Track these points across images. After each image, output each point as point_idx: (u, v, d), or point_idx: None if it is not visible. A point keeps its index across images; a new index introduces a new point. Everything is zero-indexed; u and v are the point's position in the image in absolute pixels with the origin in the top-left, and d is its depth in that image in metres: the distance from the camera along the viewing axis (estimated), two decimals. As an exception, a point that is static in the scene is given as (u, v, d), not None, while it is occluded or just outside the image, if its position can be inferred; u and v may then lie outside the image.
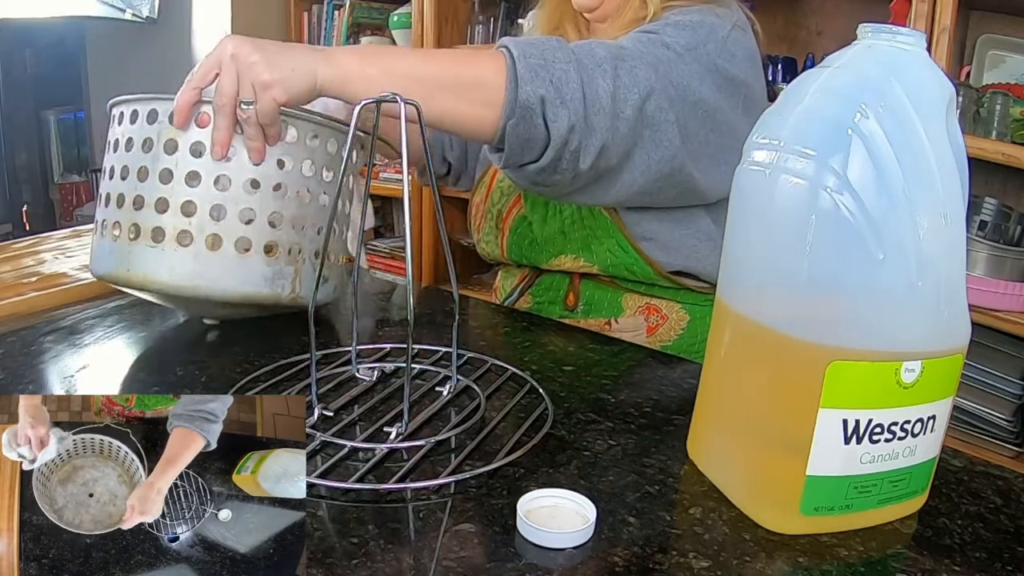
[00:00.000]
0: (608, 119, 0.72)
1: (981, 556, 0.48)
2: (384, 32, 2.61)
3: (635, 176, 0.78)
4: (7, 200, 3.12)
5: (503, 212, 0.99)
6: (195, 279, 0.69)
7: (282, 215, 0.71)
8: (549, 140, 0.71)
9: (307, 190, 0.72)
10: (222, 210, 0.68)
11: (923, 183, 0.45)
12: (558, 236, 0.93)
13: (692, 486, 0.54)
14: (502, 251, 1.00)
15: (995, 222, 1.58)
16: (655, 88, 0.75)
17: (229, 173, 0.68)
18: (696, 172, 0.82)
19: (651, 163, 0.78)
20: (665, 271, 0.90)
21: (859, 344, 0.46)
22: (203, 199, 0.68)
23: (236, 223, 0.69)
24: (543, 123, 0.70)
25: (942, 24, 1.49)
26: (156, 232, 0.68)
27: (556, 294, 0.97)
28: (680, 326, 0.93)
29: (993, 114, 1.55)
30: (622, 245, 0.90)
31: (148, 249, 0.68)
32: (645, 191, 0.81)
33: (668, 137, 0.77)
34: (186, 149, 0.68)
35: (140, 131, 0.69)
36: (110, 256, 0.70)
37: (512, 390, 0.69)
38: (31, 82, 3.18)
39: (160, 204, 0.68)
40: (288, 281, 0.72)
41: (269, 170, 0.69)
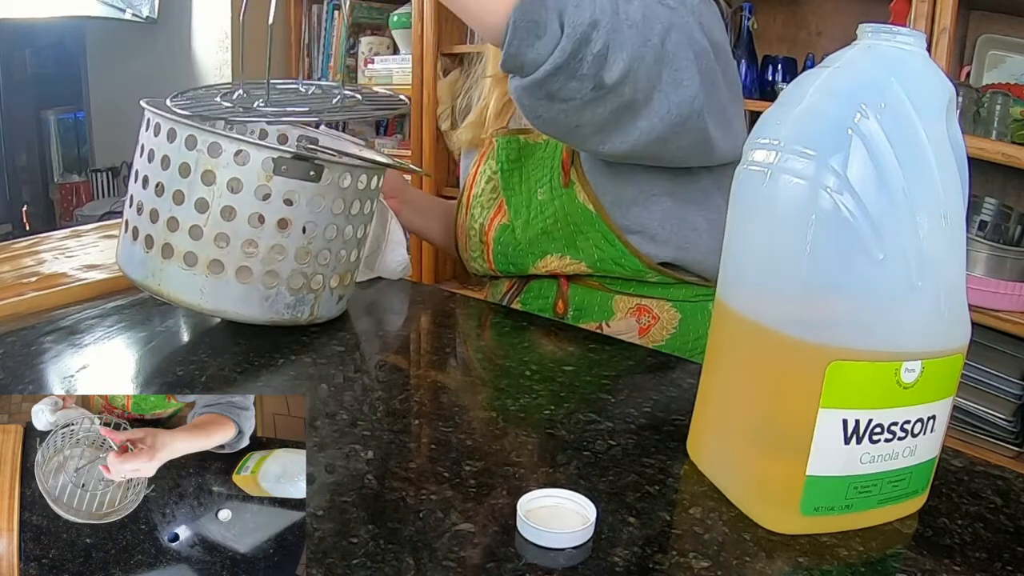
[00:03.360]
0: (639, 37, 0.68)
1: (981, 556, 0.48)
2: (384, 32, 2.61)
3: (654, 122, 0.74)
4: (7, 200, 3.12)
5: (485, 225, 0.98)
6: (223, 304, 0.73)
7: (309, 250, 0.74)
8: (561, 32, 0.66)
9: (335, 227, 0.75)
10: (254, 244, 0.71)
11: (923, 183, 0.45)
12: (542, 237, 0.92)
13: (692, 486, 0.54)
14: (489, 263, 0.99)
15: (995, 222, 1.58)
16: (674, 24, 0.72)
17: (264, 212, 0.71)
18: (710, 119, 0.78)
19: (671, 105, 0.74)
20: (654, 263, 0.90)
21: (859, 344, 0.46)
22: (237, 234, 0.71)
23: (266, 258, 0.72)
24: (556, 9, 0.66)
25: (942, 24, 1.49)
26: (189, 256, 0.71)
27: (545, 301, 0.97)
28: (672, 325, 0.93)
29: (993, 114, 1.56)
30: (608, 238, 0.89)
31: (180, 271, 0.72)
32: (662, 137, 0.76)
33: (688, 76, 0.73)
34: (224, 183, 0.70)
35: (178, 153, 0.70)
36: (142, 266, 0.74)
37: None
38: (31, 82, 3.18)
39: (195, 232, 0.71)
40: (308, 307, 0.77)
41: (301, 211, 0.72)
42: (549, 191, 0.93)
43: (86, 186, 3.23)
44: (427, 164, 2.37)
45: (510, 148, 0.97)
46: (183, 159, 0.70)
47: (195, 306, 0.72)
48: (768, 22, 2.01)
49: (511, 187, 0.96)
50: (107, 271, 0.93)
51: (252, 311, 0.73)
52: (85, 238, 1.13)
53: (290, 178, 0.70)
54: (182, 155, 0.70)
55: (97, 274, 0.93)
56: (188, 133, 0.70)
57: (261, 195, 0.70)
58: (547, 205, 0.92)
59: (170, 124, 0.71)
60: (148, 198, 0.73)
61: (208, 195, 0.70)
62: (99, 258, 1.00)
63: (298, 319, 0.76)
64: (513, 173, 0.97)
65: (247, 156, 0.69)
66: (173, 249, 0.71)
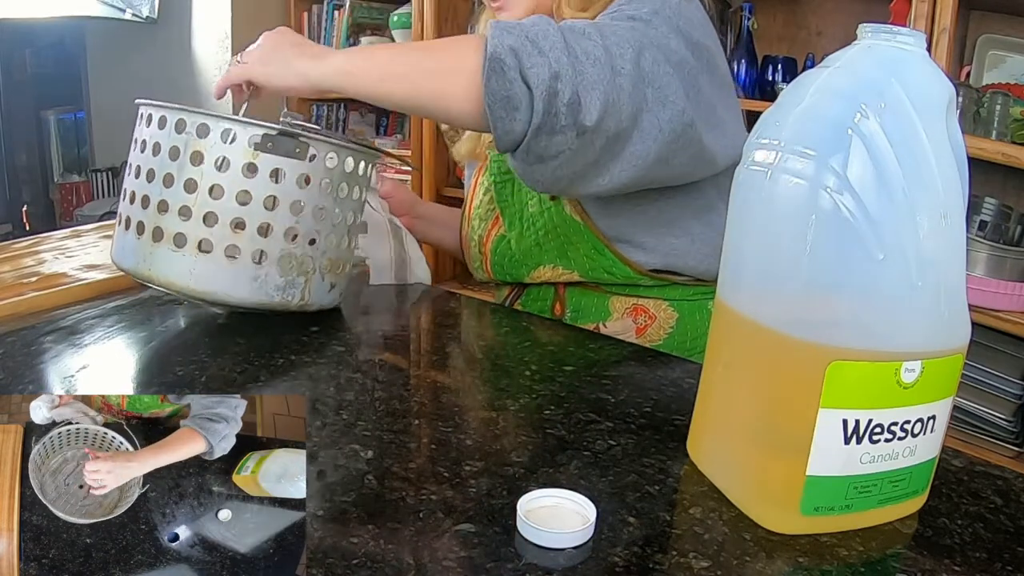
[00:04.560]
0: (607, 71, 0.68)
1: (981, 556, 0.48)
2: (384, 32, 2.61)
3: (648, 145, 0.74)
4: (7, 200, 3.12)
5: (483, 236, 1.00)
6: (212, 285, 0.73)
7: (298, 230, 0.74)
8: (531, 94, 0.67)
9: (323, 207, 0.76)
10: (242, 223, 0.72)
11: (923, 183, 0.45)
12: (534, 248, 0.93)
13: (692, 486, 0.54)
14: (488, 273, 1.01)
15: (995, 222, 1.58)
16: (644, 44, 0.72)
17: (251, 189, 0.71)
18: (703, 129, 0.78)
19: (662, 124, 0.73)
20: (644, 270, 0.90)
21: (859, 344, 0.46)
22: (225, 212, 0.71)
23: (255, 236, 0.72)
24: (519, 76, 0.67)
25: (942, 24, 1.49)
26: (178, 237, 0.72)
27: (544, 304, 0.98)
28: (669, 324, 0.93)
29: (993, 114, 1.56)
30: (598, 248, 0.90)
31: (170, 253, 0.72)
32: (661, 158, 0.76)
33: (672, 91, 0.73)
34: (211, 163, 0.71)
35: (168, 138, 0.72)
36: (132, 254, 0.74)
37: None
38: (31, 82, 3.18)
39: (183, 212, 0.71)
40: (298, 291, 0.76)
41: (289, 188, 0.73)
42: (538, 203, 0.94)
43: (86, 186, 3.23)
44: (427, 164, 2.37)
45: (501, 161, 0.97)
46: (173, 143, 0.71)
47: (185, 289, 0.72)
48: (768, 22, 2.01)
49: (504, 199, 0.97)
50: (107, 271, 0.93)
51: (241, 293, 0.73)
52: (85, 238, 1.13)
53: (276, 155, 0.71)
54: (172, 139, 0.71)
55: (97, 274, 0.93)
56: (178, 117, 0.71)
57: (248, 172, 0.71)
58: (537, 217, 0.93)
59: (161, 111, 0.72)
60: (140, 186, 0.73)
61: (196, 175, 0.71)
62: (99, 258, 1.00)
63: (288, 303, 0.76)
64: (505, 185, 0.98)
65: (234, 135, 0.70)
66: (163, 232, 0.72)
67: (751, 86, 1.89)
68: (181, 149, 0.71)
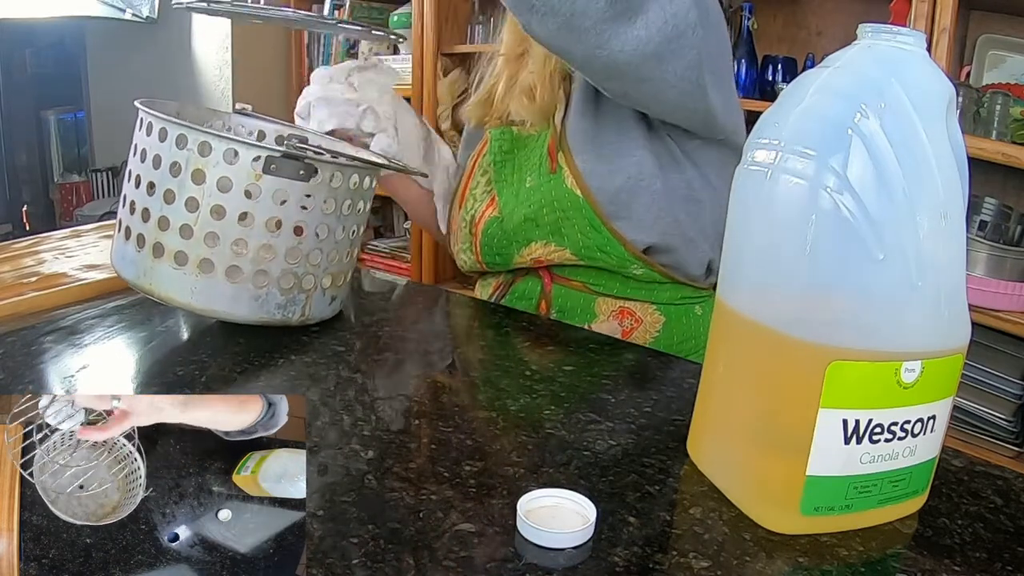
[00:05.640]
0: None
1: (981, 556, 0.48)
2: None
3: (651, 32, 0.74)
4: (7, 200, 3.12)
5: (476, 217, 0.99)
6: (213, 304, 0.72)
7: (299, 250, 0.74)
8: None
9: (326, 227, 0.75)
10: (243, 244, 0.71)
11: (923, 183, 0.45)
12: (527, 223, 0.92)
13: (692, 486, 0.54)
14: (476, 255, 1.00)
15: (995, 222, 1.58)
16: None
17: (253, 211, 0.70)
18: (704, 58, 0.78)
19: (667, 16, 0.74)
20: (638, 250, 0.90)
21: (859, 344, 0.46)
22: (226, 232, 0.71)
23: (257, 256, 0.72)
24: None
25: (942, 24, 1.49)
26: (179, 256, 0.71)
27: (529, 303, 0.97)
28: (655, 328, 0.93)
29: (993, 114, 1.56)
30: (594, 224, 0.89)
31: (171, 270, 0.71)
32: (658, 53, 0.76)
33: None
34: (213, 183, 0.69)
35: (168, 152, 0.70)
36: (133, 265, 0.74)
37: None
38: (31, 82, 3.18)
39: (184, 231, 0.71)
40: (299, 307, 0.76)
41: (291, 211, 0.72)
42: (537, 177, 0.93)
43: (86, 186, 3.23)
44: (427, 164, 2.37)
45: (503, 139, 0.99)
46: (174, 158, 0.70)
47: (186, 305, 0.72)
48: (768, 22, 2.01)
49: (503, 178, 0.97)
50: (107, 271, 0.93)
51: (243, 311, 0.73)
52: (85, 238, 1.13)
53: (280, 177, 0.70)
54: (173, 154, 0.70)
55: (97, 274, 0.93)
56: (179, 132, 0.70)
57: (250, 194, 0.70)
58: (534, 192, 0.92)
59: (161, 123, 0.71)
60: (140, 197, 0.73)
61: (198, 194, 0.70)
62: (99, 258, 1.00)
63: (289, 320, 0.76)
64: (505, 164, 0.98)
65: (237, 155, 0.69)
66: (164, 248, 0.71)
67: (751, 86, 1.89)
68: (182, 166, 0.70)
